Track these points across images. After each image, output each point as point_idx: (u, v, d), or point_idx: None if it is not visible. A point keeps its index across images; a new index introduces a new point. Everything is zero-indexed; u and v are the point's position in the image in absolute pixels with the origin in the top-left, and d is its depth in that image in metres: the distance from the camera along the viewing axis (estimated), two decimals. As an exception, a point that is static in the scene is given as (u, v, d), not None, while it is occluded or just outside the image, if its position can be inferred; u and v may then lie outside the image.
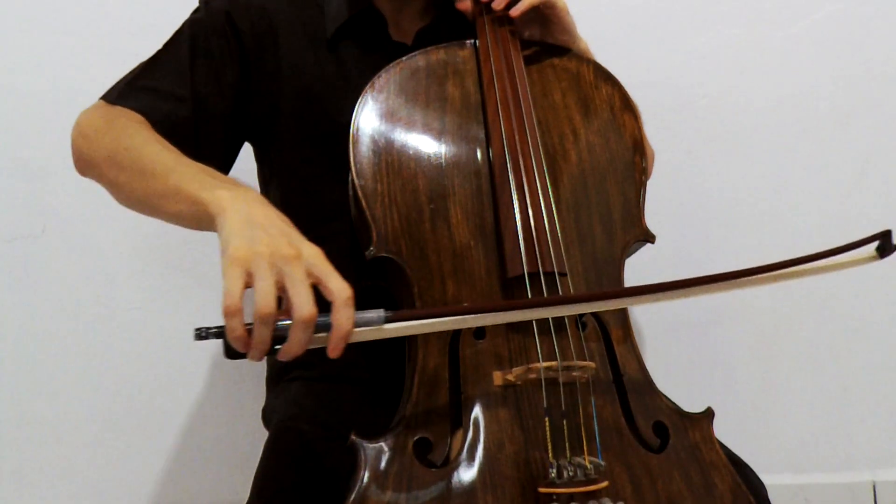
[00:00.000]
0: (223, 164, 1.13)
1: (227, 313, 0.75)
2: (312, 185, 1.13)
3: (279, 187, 1.17)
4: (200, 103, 1.08)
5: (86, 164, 1.03)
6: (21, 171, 1.51)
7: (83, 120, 1.05)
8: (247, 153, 1.21)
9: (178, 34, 1.12)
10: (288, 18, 1.13)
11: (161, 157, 0.95)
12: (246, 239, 0.79)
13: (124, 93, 1.07)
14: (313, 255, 0.80)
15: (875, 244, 0.93)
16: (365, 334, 0.80)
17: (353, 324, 0.78)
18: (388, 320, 0.81)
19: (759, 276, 0.89)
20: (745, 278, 0.89)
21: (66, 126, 1.05)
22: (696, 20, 1.56)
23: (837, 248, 0.91)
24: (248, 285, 0.77)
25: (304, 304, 0.76)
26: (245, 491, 1.01)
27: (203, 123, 1.09)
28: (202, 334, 0.78)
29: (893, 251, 0.93)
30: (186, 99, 1.08)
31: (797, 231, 1.56)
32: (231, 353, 0.79)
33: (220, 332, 0.77)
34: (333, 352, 0.78)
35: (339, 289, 0.78)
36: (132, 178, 0.95)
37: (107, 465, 1.51)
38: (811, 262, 0.91)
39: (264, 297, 0.75)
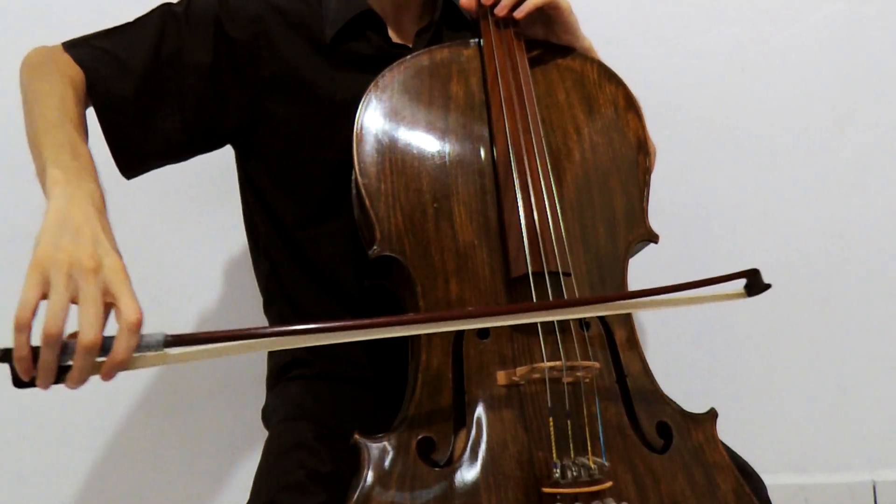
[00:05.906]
0: (153, 147, 1.07)
1: (17, 326, 0.68)
2: (311, 186, 1.12)
3: (275, 188, 1.16)
4: (146, 82, 1.05)
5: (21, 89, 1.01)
6: (21, 171, 1.50)
7: (33, 52, 1.04)
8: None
9: (148, 18, 1.09)
10: (285, 24, 1.11)
11: (50, 112, 0.91)
12: (52, 242, 0.72)
13: (79, 44, 1.05)
14: (113, 270, 0.72)
15: (743, 281, 0.92)
16: (149, 360, 0.73)
17: (130, 353, 0.71)
18: (168, 344, 0.73)
19: (625, 301, 0.91)
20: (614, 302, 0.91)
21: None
22: (696, 20, 1.56)
23: (706, 280, 0.91)
24: (45, 296, 0.69)
25: (88, 328, 0.69)
26: (245, 491, 1.01)
27: (138, 99, 1.04)
28: None
29: (761, 290, 0.92)
30: (133, 71, 1.04)
31: (797, 231, 1.56)
32: (18, 380, 0.70)
33: (6, 354, 0.69)
34: (103, 377, 0.72)
35: (128, 311, 0.70)
36: (28, 119, 0.93)
37: (107, 465, 1.51)
38: (679, 291, 0.90)
39: (53, 315, 0.68)
